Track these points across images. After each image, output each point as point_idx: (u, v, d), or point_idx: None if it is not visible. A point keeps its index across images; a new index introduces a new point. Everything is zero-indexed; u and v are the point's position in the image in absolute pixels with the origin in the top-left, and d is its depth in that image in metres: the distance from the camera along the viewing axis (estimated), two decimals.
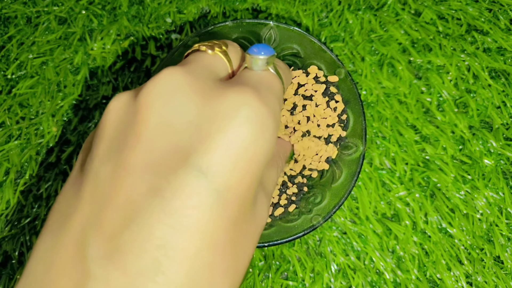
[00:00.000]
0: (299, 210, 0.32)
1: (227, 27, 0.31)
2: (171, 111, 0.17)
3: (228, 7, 0.42)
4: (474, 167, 0.39)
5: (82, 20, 0.42)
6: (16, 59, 0.41)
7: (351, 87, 0.31)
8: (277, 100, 0.20)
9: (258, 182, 0.18)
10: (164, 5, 0.42)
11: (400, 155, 0.39)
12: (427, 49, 0.42)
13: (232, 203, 0.17)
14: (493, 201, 0.39)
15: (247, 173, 0.17)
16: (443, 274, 0.37)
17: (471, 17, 0.43)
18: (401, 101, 0.40)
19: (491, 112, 0.40)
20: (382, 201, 0.38)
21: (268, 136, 0.18)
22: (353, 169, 0.31)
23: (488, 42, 0.42)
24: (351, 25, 0.42)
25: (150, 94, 0.18)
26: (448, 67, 0.41)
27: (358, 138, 0.32)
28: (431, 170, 0.39)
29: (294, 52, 0.33)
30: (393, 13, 0.43)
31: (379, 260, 0.37)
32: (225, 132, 0.17)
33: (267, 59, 0.21)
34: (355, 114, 0.32)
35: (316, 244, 0.38)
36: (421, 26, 0.42)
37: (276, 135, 0.19)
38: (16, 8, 0.42)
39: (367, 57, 0.41)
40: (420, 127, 0.40)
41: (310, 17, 0.42)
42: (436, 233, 0.38)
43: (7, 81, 0.40)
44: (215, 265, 0.16)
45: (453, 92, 0.41)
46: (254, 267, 0.37)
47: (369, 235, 0.38)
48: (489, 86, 0.41)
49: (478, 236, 0.38)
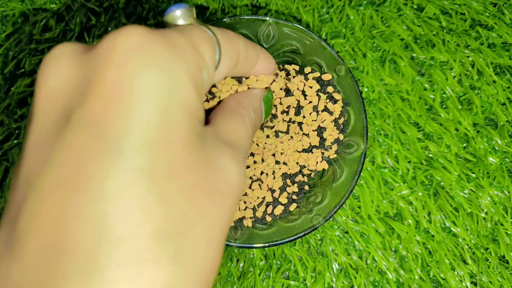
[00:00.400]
0: (300, 210, 0.32)
1: (225, 23, 0.31)
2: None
3: (226, 3, 0.42)
4: (479, 165, 0.38)
5: (79, 17, 0.41)
6: (14, 57, 0.40)
7: (352, 84, 0.31)
8: (191, 48, 0.17)
9: (190, 124, 0.16)
10: (162, 2, 0.42)
11: (402, 153, 0.38)
12: (430, 45, 0.41)
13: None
14: (498, 200, 0.38)
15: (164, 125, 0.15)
16: (447, 274, 0.36)
17: (475, 11, 0.42)
18: (403, 98, 0.40)
19: (496, 109, 0.39)
20: (384, 200, 0.38)
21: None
22: (354, 168, 0.31)
23: (492, 37, 0.41)
24: (352, 21, 0.41)
25: (116, 48, 0.15)
26: (451, 63, 0.40)
27: (359, 137, 0.31)
28: (434, 169, 0.38)
29: (294, 48, 0.33)
30: (395, 8, 0.42)
31: (382, 259, 0.37)
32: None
33: (181, 11, 0.19)
34: (356, 112, 0.31)
35: (318, 244, 0.38)
36: (424, 21, 0.41)
37: (190, 80, 0.16)
38: (14, 6, 0.42)
39: (369, 53, 0.40)
40: (423, 124, 0.39)
41: (310, 13, 0.42)
42: (440, 232, 0.37)
43: (5, 80, 0.40)
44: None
45: (457, 89, 0.40)
46: (255, 267, 0.37)
47: (371, 234, 0.37)
48: (494, 83, 0.40)
49: (483, 235, 0.37)
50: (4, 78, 0.40)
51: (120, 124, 0.14)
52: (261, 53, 0.24)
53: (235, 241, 0.30)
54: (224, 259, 0.37)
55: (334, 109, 0.32)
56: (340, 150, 0.32)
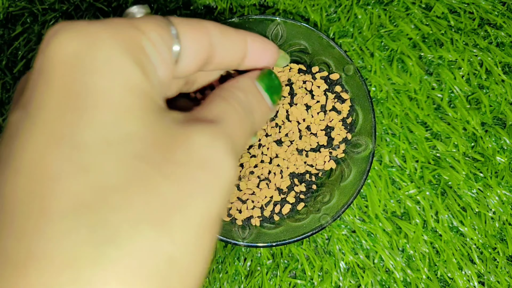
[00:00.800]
0: (307, 209, 0.32)
1: (234, 23, 0.31)
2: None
3: (235, 2, 0.42)
4: (487, 164, 0.38)
5: (88, 17, 0.41)
6: (23, 57, 0.41)
7: (360, 83, 0.31)
8: (127, 26, 0.15)
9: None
10: (170, 2, 0.42)
11: (410, 153, 0.38)
12: (438, 44, 0.41)
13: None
14: (506, 199, 0.38)
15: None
16: (455, 273, 0.36)
17: (484, 10, 0.42)
18: (411, 98, 0.40)
19: (504, 108, 0.39)
20: (391, 199, 0.38)
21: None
22: (362, 167, 0.31)
23: (501, 37, 0.41)
24: (360, 20, 0.41)
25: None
26: (460, 62, 0.40)
27: (367, 136, 0.31)
28: (442, 168, 0.38)
29: (302, 48, 0.33)
30: (403, 7, 0.42)
31: (389, 259, 0.37)
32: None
33: (136, 7, 0.18)
34: (364, 112, 0.31)
35: (325, 243, 0.38)
36: (432, 20, 0.41)
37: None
38: (23, 6, 0.42)
39: (377, 52, 0.40)
40: (431, 124, 0.39)
41: (318, 12, 0.41)
42: (447, 232, 0.37)
43: (14, 79, 0.40)
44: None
45: (465, 88, 0.40)
46: (262, 266, 0.37)
47: (378, 234, 0.37)
48: (503, 82, 0.40)
49: (491, 235, 0.37)
50: (13, 77, 0.40)
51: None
52: (248, 37, 0.20)
53: (242, 240, 0.30)
54: (232, 258, 0.37)
55: (342, 108, 0.32)
56: (348, 149, 0.32)
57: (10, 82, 0.40)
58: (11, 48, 0.41)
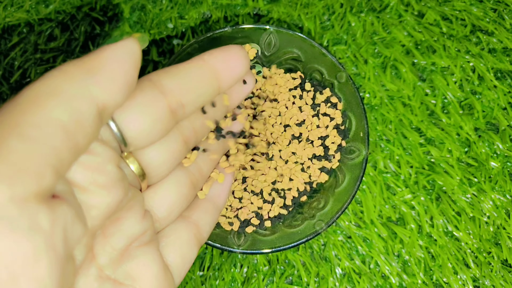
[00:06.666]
0: (302, 216, 0.32)
1: (227, 33, 0.31)
2: None
3: (229, 11, 0.42)
4: (480, 169, 0.39)
5: (84, 27, 0.42)
6: (20, 67, 0.41)
7: (353, 91, 0.31)
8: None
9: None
10: (165, 11, 0.42)
11: (404, 158, 0.39)
12: (431, 50, 0.41)
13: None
14: (500, 204, 0.38)
15: None
16: (450, 278, 0.37)
17: (475, 17, 0.42)
18: (405, 104, 0.40)
19: (497, 114, 0.40)
20: (387, 204, 0.38)
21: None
22: (356, 173, 0.31)
23: (493, 43, 0.41)
24: (353, 28, 0.42)
25: None
26: (452, 68, 0.41)
27: (360, 142, 0.31)
28: (436, 173, 0.38)
29: (295, 56, 0.33)
30: (396, 15, 0.42)
31: (385, 264, 0.37)
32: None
33: None
34: (357, 119, 0.32)
35: (321, 249, 0.38)
36: (424, 27, 0.42)
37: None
38: (19, 17, 0.42)
39: (370, 59, 0.41)
40: (424, 129, 0.39)
41: (312, 20, 0.42)
42: (442, 237, 0.37)
43: (11, 89, 0.41)
44: None
45: (458, 94, 0.40)
46: (259, 272, 0.37)
47: (374, 239, 0.37)
48: (495, 87, 0.40)
49: (485, 239, 0.37)
50: (10, 87, 0.41)
51: None
52: (205, 57, 0.19)
53: (238, 248, 0.30)
54: (228, 265, 0.37)
55: (335, 115, 0.33)
56: (342, 156, 0.33)
57: (7, 92, 0.41)
58: (7, 58, 0.41)
